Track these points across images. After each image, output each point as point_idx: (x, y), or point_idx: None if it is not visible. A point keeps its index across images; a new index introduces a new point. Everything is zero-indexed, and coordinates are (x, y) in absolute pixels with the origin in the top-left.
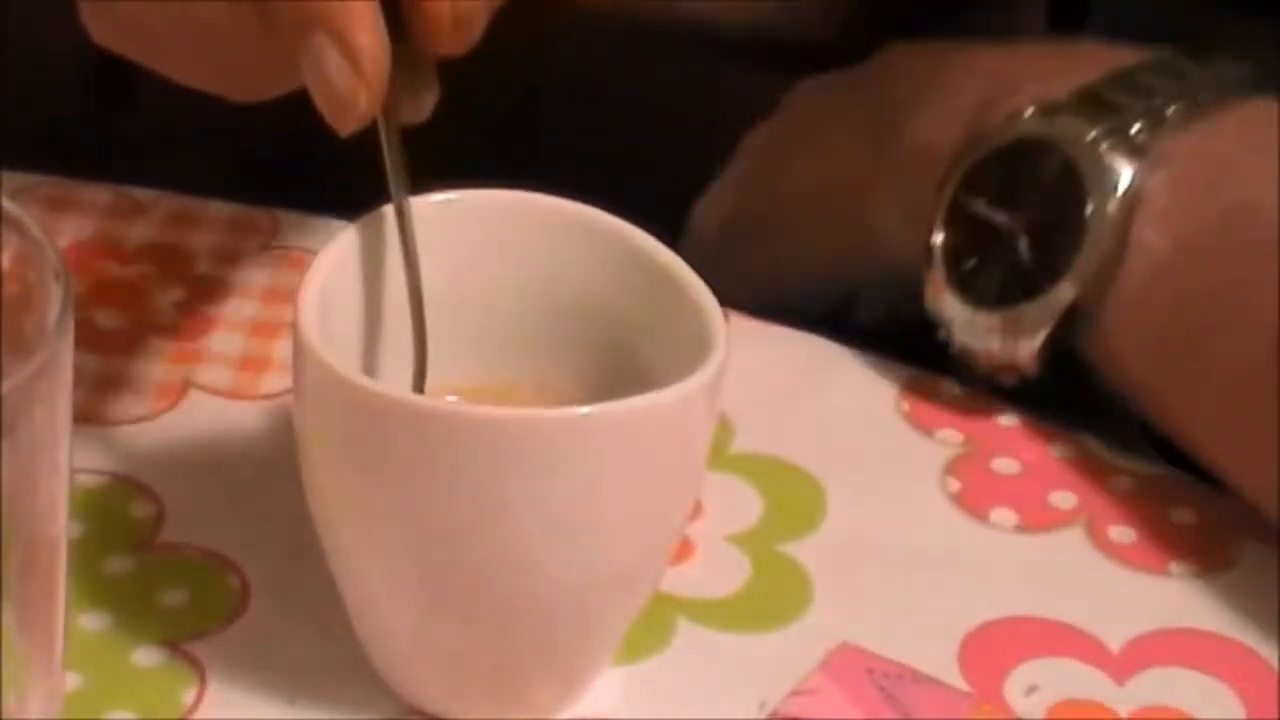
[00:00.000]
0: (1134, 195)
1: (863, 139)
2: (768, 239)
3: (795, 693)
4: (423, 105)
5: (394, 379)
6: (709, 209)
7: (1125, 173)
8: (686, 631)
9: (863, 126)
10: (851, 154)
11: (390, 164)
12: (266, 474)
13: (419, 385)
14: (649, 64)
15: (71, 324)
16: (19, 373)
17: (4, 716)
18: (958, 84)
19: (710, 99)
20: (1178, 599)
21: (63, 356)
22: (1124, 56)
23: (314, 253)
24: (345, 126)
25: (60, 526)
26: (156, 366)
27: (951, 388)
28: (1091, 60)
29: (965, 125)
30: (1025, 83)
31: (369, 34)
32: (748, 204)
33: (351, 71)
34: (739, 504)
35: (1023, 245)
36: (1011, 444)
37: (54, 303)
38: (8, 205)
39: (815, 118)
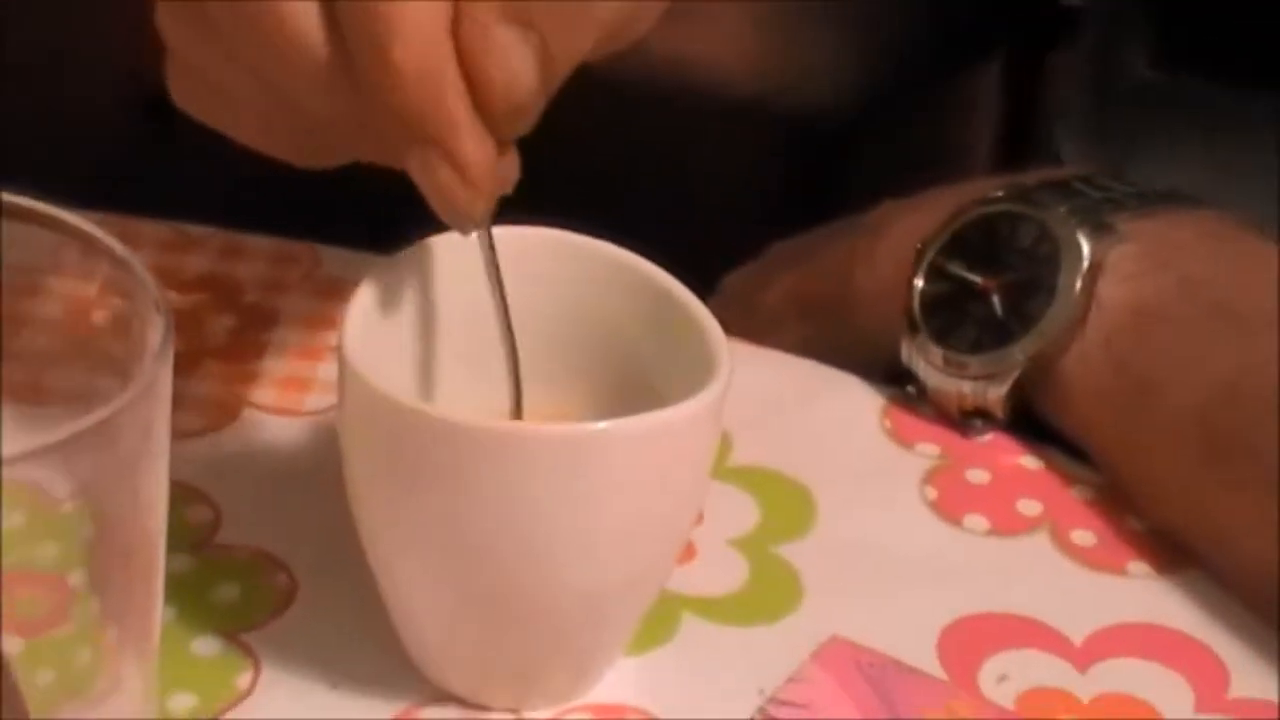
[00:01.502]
0: (1097, 264)
1: (848, 240)
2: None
3: (790, 680)
4: (507, 179)
5: (428, 397)
6: None
7: (1092, 244)
8: (691, 625)
9: (845, 236)
10: (840, 253)
11: (481, 230)
12: (311, 482)
13: (517, 412)
14: (657, 121)
15: (172, 351)
16: (122, 394)
17: (91, 698)
18: (942, 194)
19: (712, 154)
20: (1134, 596)
21: (163, 380)
22: (1074, 170)
23: (350, 283)
24: (465, 231)
25: (158, 527)
26: (212, 386)
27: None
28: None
29: (945, 217)
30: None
31: (475, 145)
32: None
33: (463, 183)
34: (737, 511)
35: (996, 302)
36: (983, 456)
37: (156, 331)
38: (101, 236)
39: (795, 247)
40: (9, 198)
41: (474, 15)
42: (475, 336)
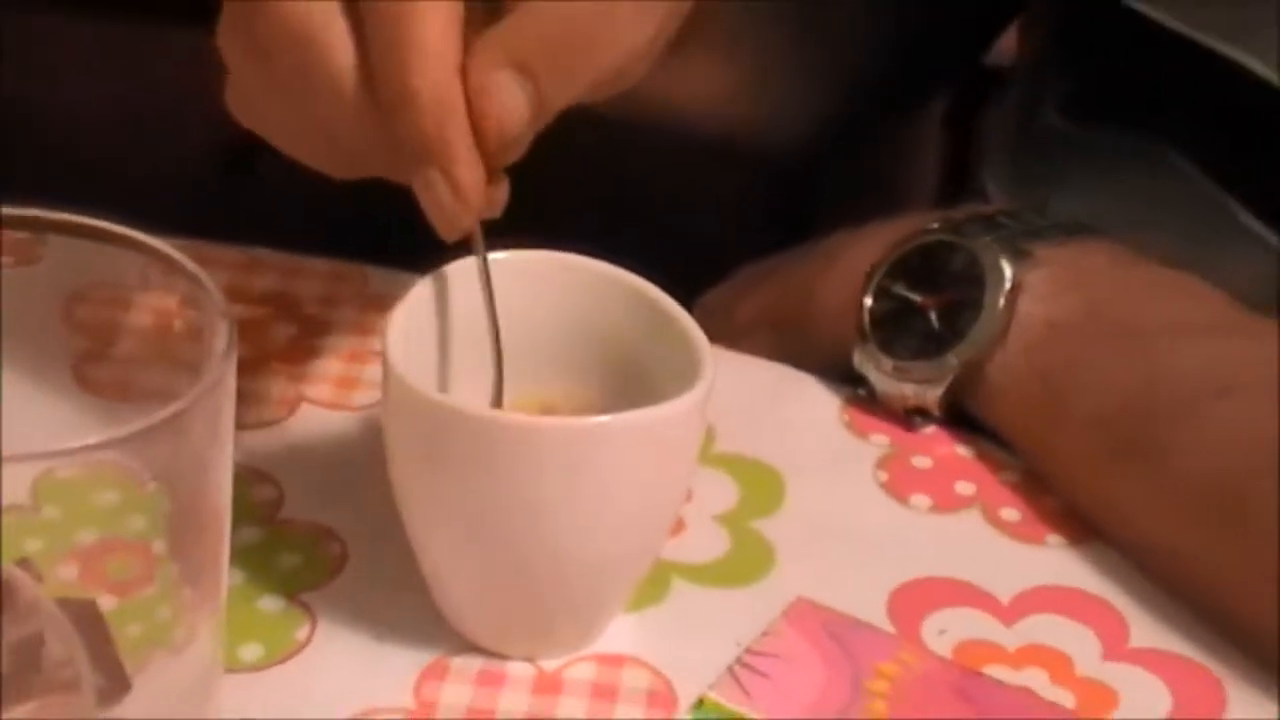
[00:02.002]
0: (1018, 285)
1: (806, 265)
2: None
3: (763, 634)
4: (496, 203)
5: (458, 395)
6: None
7: (1013, 268)
8: (680, 588)
9: (805, 261)
10: (800, 276)
11: (475, 243)
12: (360, 466)
13: (498, 401)
14: (646, 160)
15: (235, 354)
16: (193, 390)
17: (172, 648)
18: (886, 227)
19: (692, 188)
20: (1052, 563)
21: (228, 377)
22: (999, 206)
23: (393, 298)
24: (450, 237)
25: (225, 504)
26: (276, 384)
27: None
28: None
29: (889, 245)
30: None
31: (470, 169)
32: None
33: (456, 199)
34: (719, 491)
35: (934, 317)
36: (926, 446)
37: (221, 337)
38: (178, 257)
39: (762, 270)
40: (106, 225)
41: (480, 59)
42: (488, 341)
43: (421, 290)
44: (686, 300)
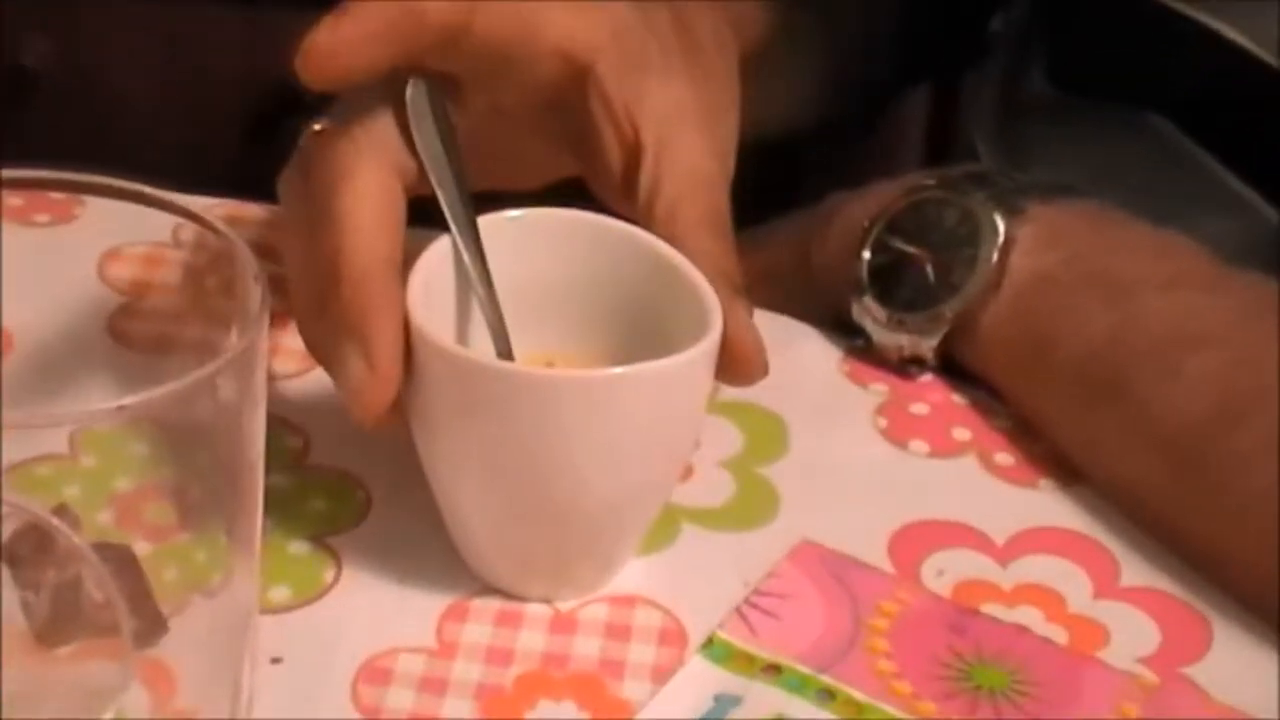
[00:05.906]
0: (1010, 240)
1: (805, 225)
2: None
3: (769, 575)
4: None
5: (476, 347)
6: None
7: (1005, 223)
8: (689, 532)
9: (803, 222)
10: (801, 233)
11: (456, 239)
12: None
13: (503, 351)
14: None
15: (267, 316)
16: (225, 353)
17: (208, 591)
18: (880, 186)
19: None
20: (1044, 506)
21: (260, 339)
22: (990, 165)
23: (414, 255)
24: (362, 423)
25: (258, 454)
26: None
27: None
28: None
29: (887, 202)
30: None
31: (390, 354)
32: None
33: (371, 379)
34: (726, 438)
35: (929, 270)
36: (923, 393)
37: (254, 299)
38: (210, 219)
39: (764, 232)
40: (138, 186)
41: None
42: (514, 296)
43: (440, 247)
44: None
